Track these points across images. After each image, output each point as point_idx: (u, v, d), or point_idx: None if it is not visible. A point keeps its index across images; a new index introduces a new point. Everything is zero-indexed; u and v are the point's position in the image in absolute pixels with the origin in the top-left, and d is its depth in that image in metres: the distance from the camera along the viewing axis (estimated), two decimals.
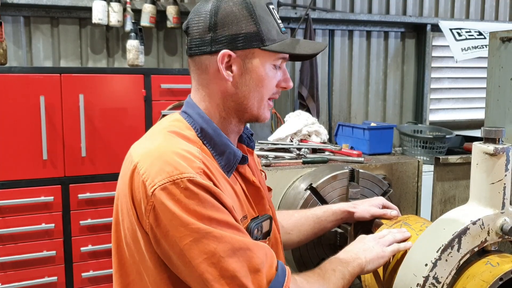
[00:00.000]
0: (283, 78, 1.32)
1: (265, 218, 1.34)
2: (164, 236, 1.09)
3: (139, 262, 1.18)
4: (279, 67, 1.31)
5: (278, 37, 1.27)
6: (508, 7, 5.41)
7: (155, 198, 1.08)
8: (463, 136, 4.55)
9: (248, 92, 1.27)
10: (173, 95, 3.39)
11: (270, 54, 1.26)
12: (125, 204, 1.18)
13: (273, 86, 1.30)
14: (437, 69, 5.16)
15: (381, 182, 2.06)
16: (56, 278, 3.22)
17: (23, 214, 3.13)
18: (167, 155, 1.13)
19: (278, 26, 1.28)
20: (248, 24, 1.23)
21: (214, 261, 1.07)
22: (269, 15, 1.27)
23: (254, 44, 1.24)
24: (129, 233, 1.18)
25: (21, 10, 3.73)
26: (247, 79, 1.26)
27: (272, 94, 1.32)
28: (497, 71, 2.14)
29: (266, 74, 1.27)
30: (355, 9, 4.76)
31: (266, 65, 1.26)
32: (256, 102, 1.29)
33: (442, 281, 1.22)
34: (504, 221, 1.26)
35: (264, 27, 1.24)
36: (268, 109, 1.33)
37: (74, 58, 3.92)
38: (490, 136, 1.26)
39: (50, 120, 3.13)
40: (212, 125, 1.26)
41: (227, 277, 1.08)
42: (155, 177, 1.10)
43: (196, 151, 1.18)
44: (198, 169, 1.12)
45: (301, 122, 2.78)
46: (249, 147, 1.45)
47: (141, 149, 1.20)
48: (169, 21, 3.93)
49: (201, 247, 1.07)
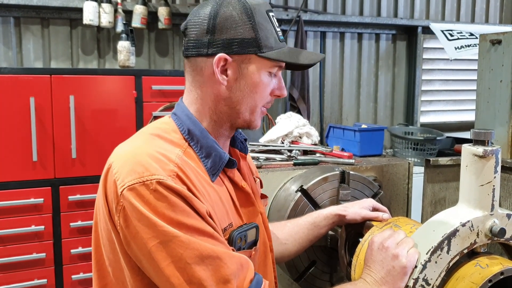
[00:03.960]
0: (277, 86, 1.32)
1: (251, 227, 1.30)
2: (133, 238, 1.08)
3: (114, 263, 1.17)
4: (274, 74, 1.30)
5: (276, 45, 1.26)
6: (498, 10, 5.45)
7: (124, 198, 1.08)
8: (453, 138, 4.57)
9: (242, 98, 1.26)
10: (164, 97, 3.38)
11: (266, 61, 1.25)
12: (101, 204, 1.17)
13: (267, 93, 1.30)
14: (428, 71, 5.18)
15: (371, 184, 2.07)
16: (46, 281, 3.19)
17: (13, 216, 3.10)
18: (140, 156, 1.13)
19: (276, 34, 1.28)
20: (246, 29, 1.22)
21: (181, 265, 1.06)
22: (268, 22, 1.26)
23: (251, 50, 1.23)
24: (105, 233, 1.17)
25: (11, 10, 3.71)
26: (241, 84, 1.25)
27: (266, 103, 1.31)
28: (487, 74, 2.15)
29: (261, 81, 1.26)
30: (347, 11, 4.78)
31: (262, 72, 1.26)
32: (249, 108, 1.28)
33: (432, 283, 1.23)
34: (493, 223, 1.27)
35: (262, 34, 1.24)
36: (261, 117, 1.33)
37: (64, 59, 3.90)
38: (479, 138, 1.26)
39: (40, 122, 3.11)
40: (199, 127, 1.26)
41: (194, 284, 1.06)
42: (125, 177, 1.09)
43: (175, 155, 1.16)
44: (170, 172, 1.11)
45: (292, 124, 2.78)
46: (242, 152, 1.44)
47: (119, 150, 1.21)
48: (161, 22, 3.92)
49: (168, 250, 1.05)
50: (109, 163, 1.17)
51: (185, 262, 1.06)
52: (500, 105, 2.08)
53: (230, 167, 1.32)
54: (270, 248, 1.47)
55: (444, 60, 5.18)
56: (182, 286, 1.06)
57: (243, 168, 1.41)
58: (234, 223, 1.27)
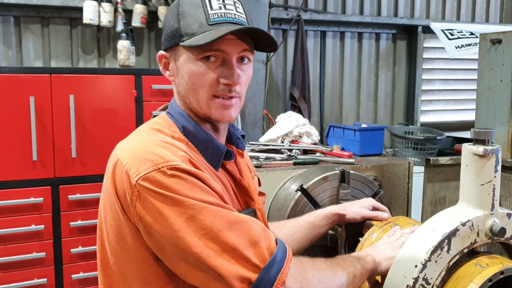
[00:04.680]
0: (224, 73, 1.21)
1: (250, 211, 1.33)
2: (156, 222, 1.07)
3: (121, 261, 1.17)
4: (216, 61, 1.21)
5: (199, 30, 1.18)
6: (499, 10, 5.45)
7: (141, 187, 1.07)
8: (454, 138, 4.57)
9: (185, 90, 1.25)
10: (164, 96, 3.38)
11: (192, 50, 1.19)
12: (108, 200, 1.17)
13: (209, 82, 1.21)
14: (428, 71, 5.18)
15: (371, 183, 2.07)
16: (45, 280, 3.19)
17: (13, 215, 3.10)
18: (150, 146, 1.13)
19: (206, 17, 1.19)
20: (173, 21, 1.23)
21: (212, 236, 1.06)
22: (198, 8, 1.20)
23: (174, 41, 1.23)
24: (112, 230, 1.17)
25: (11, 9, 3.70)
26: (180, 78, 1.25)
27: (216, 91, 1.22)
28: (487, 73, 2.15)
29: (192, 71, 1.21)
30: (347, 11, 4.77)
31: (193, 61, 1.21)
32: (195, 100, 1.24)
33: (432, 282, 1.22)
34: (494, 222, 1.27)
35: (184, 22, 1.20)
36: (221, 108, 1.23)
37: (64, 59, 3.90)
38: (479, 138, 1.26)
39: (40, 121, 3.11)
40: (192, 122, 1.26)
41: (228, 251, 1.06)
42: (139, 167, 1.09)
43: (182, 145, 1.18)
44: (183, 157, 1.12)
45: (292, 123, 2.78)
46: (239, 148, 1.44)
47: (123, 145, 1.21)
48: (161, 22, 3.91)
49: (198, 223, 1.06)
50: (115, 158, 1.17)
51: (217, 230, 1.06)
52: (500, 104, 2.08)
53: (228, 158, 1.32)
54: None
55: (444, 59, 5.17)
56: (218, 254, 1.05)
57: (240, 164, 1.41)
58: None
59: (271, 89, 4.47)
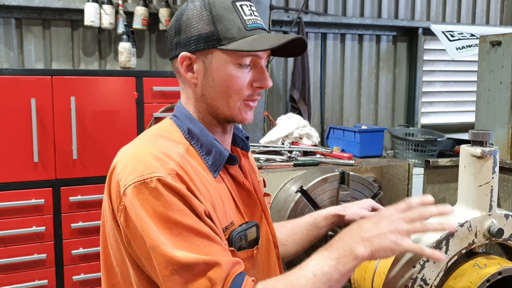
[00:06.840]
0: (256, 77, 1.25)
1: (251, 226, 1.29)
2: (133, 237, 1.10)
3: (121, 263, 1.18)
4: (248, 65, 1.25)
5: (239, 35, 1.21)
6: (499, 11, 5.45)
7: (126, 198, 1.09)
8: (454, 139, 4.57)
9: (214, 93, 1.25)
10: (165, 98, 3.39)
11: (231, 53, 1.21)
12: (106, 205, 1.19)
13: (242, 86, 1.24)
14: (429, 73, 5.19)
15: (371, 185, 2.07)
16: (46, 282, 3.20)
17: (14, 217, 3.11)
18: (143, 156, 1.14)
19: (243, 23, 1.22)
20: (205, 24, 1.22)
21: (176, 268, 1.05)
22: (233, 13, 1.22)
23: (210, 44, 1.22)
24: (111, 233, 1.19)
25: (12, 12, 3.72)
26: (210, 80, 1.24)
27: (247, 95, 1.25)
28: (487, 75, 2.16)
29: (228, 74, 1.22)
30: (347, 13, 4.78)
31: (229, 65, 1.22)
32: (226, 103, 1.25)
33: (430, 283, 1.23)
34: (491, 223, 1.27)
35: (221, 26, 1.21)
36: (247, 110, 1.27)
37: (66, 60, 3.91)
38: (477, 139, 1.27)
39: (41, 123, 3.12)
40: (198, 125, 1.27)
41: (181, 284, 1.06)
42: (127, 177, 1.11)
43: (176, 154, 1.18)
44: (170, 170, 1.12)
45: (292, 125, 2.79)
46: (243, 150, 1.44)
47: (123, 151, 1.22)
48: (162, 24, 3.93)
49: (163, 252, 1.05)
50: (113, 164, 1.19)
51: (177, 258, 1.05)
52: (500, 106, 2.09)
53: (231, 163, 1.32)
54: (275, 245, 1.46)
55: (444, 61, 5.18)
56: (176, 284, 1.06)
57: (244, 166, 1.41)
58: (235, 221, 1.26)
59: (271, 90, 4.48)
